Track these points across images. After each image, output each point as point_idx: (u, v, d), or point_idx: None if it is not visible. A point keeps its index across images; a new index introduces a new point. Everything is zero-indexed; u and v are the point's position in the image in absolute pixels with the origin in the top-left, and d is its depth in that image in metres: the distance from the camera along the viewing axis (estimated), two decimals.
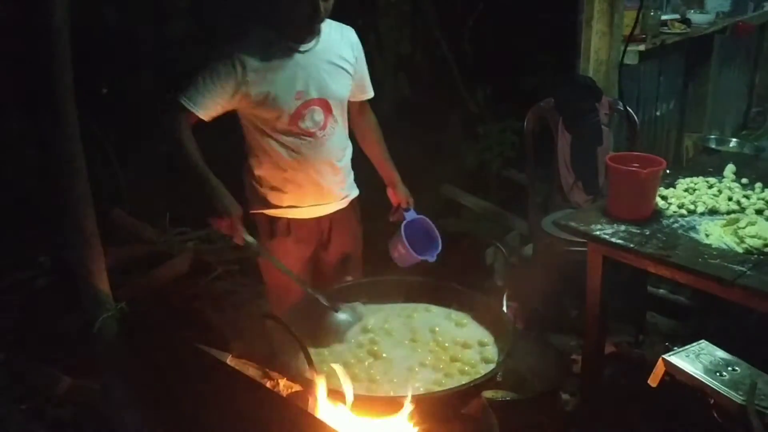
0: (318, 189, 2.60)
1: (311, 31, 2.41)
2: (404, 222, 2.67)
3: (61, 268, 3.35)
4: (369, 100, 2.78)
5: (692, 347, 1.84)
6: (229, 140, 2.64)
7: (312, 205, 2.63)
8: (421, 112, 4.75)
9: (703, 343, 1.85)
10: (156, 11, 4.08)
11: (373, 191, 2.86)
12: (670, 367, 1.80)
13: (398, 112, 4.70)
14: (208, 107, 2.36)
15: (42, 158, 1.82)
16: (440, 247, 2.64)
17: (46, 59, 1.67)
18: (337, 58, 2.51)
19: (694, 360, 1.78)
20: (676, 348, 1.86)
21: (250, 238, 2.32)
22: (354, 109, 2.70)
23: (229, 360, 2.26)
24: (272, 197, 2.60)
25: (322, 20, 2.37)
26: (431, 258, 2.61)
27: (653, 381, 1.85)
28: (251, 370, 2.25)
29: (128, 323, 2.01)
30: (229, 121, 2.49)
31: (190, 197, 3.92)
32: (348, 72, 2.56)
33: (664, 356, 1.82)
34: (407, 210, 2.75)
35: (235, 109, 2.46)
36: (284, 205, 2.60)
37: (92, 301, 1.91)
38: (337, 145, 2.60)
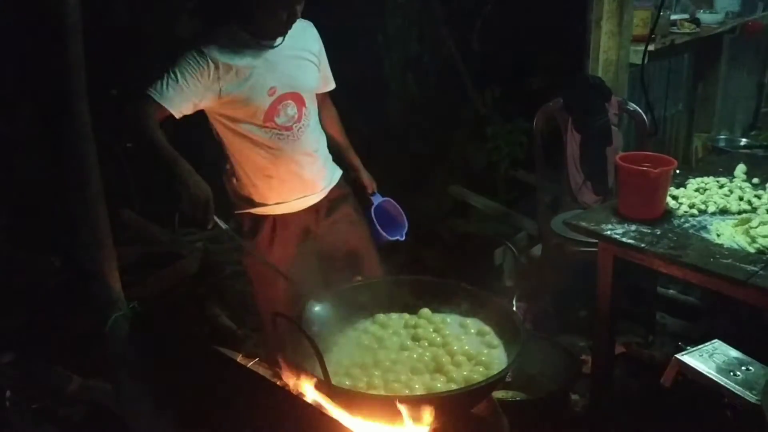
0: (301, 181, 2.62)
1: (284, 33, 2.43)
2: (373, 206, 2.78)
3: (72, 267, 3.36)
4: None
5: (705, 347, 1.83)
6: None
7: (297, 198, 2.64)
8: (429, 113, 4.75)
9: (717, 342, 1.85)
10: (165, 10, 4.08)
11: None
12: (683, 366, 1.79)
13: (406, 112, 4.70)
14: (179, 103, 2.33)
15: (55, 158, 1.83)
16: (406, 226, 2.80)
17: (59, 58, 1.68)
18: (303, 51, 2.55)
19: (708, 359, 1.77)
20: (688, 348, 1.86)
21: (221, 222, 2.29)
22: (317, 101, 2.71)
23: (239, 359, 2.27)
24: (257, 196, 2.60)
25: (295, 21, 2.39)
26: (401, 237, 2.77)
27: (666, 380, 1.85)
28: (261, 369, 2.25)
29: (139, 323, 2.01)
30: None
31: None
32: (315, 64, 2.60)
33: (677, 355, 1.82)
34: (373, 194, 2.84)
35: (206, 108, 2.45)
36: (270, 202, 2.61)
37: (104, 301, 1.92)
38: (313, 136, 2.63)
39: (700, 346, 1.83)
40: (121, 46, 3.91)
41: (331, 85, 2.77)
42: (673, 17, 4.55)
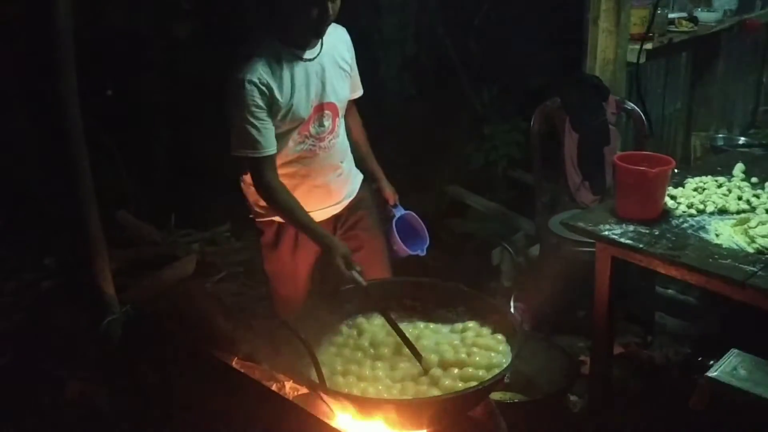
0: (326, 192, 2.59)
1: (318, 35, 2.35)
2: (394, 218, 2.73)
3: (66, 270, 3.34)
4: (360, 100, 2.74)
5: (727, 360, 1.72)
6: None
7: (320, 209, 2.61)
8: (427, 112, 4.73)
9: (735, 352, 1.75)
10: (161, 12, 4.07)
11: None
12: (715, 386, 1.67)
13: (403, 112, 4.69)
14: (272, 139, 2.33)
15: (46, 160, 1.81)
16: (428, 241, 2.75)
17: (49, 60, 1.66)
18: (340, 61, 2.50)
19: (738, 374, 1.66)
20: (706, 361, 1.76)
21: (358, 278, 2.25)
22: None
23: (235, 362, 2.25)
24: None
25: (330, 22, 2.32)
26: (422, 252, 2.72)
27: (698, 404, 1.72)
28: (257, 373, 2.24)
29: (134, 325, 2.00)
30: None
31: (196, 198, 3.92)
32: (348, 73, 2.55)
33: (707, 374, 1.70)
34: (395, 206, 2.79)
35: None
36: None
37: (98, 304, 1.90)
38: (342, 147, 2.61)
39: (720, 362, 1.71)
40: (117, 46, 3.90)
41: (359, 92, 2.70)
42: (671, 16, 4.55)
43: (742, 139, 5.00)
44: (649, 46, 3.94)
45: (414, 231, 2.78)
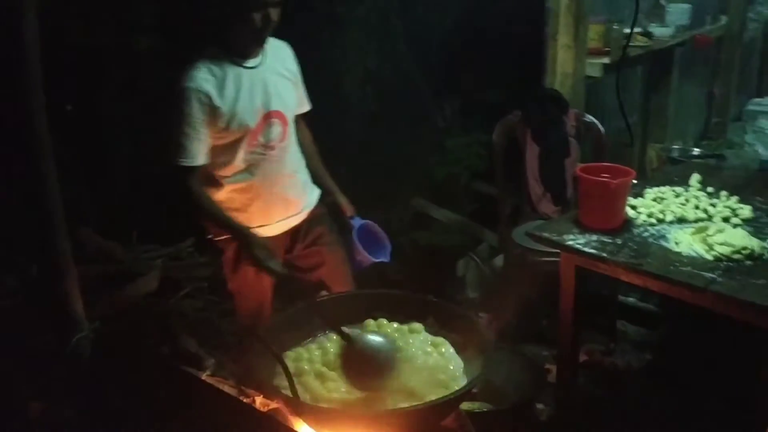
0: (284, 203, 2.61)
1: (260, 42, 2.41)
2: (354, 229, 2.75)
3: (28, 288, 3.28)
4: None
5: None
6: None
7: (280, 221, 2.62)
8: (389, 126, 4.77)
9: None
10: (121, 26, 4.04)
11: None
12: None
13: (365, 126, 4.71)
14: (203, 151, 2.38)
15: (14, 178, 1.79)
16: (390, 247, 2.78)
17: (16, 76, 1.65)
18: (284, 71, 2.55)
19: None
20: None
21: (277, 268, 2.39)
22: None
23: (204, 378, 2.23)
24: (240, 219, 2.54)
25: (272, 29, 2.37)
26: (386, 258, 2.74)
27: None
28: (226, 388, 2.23)
29: (101, 343, 1.98)
30: None
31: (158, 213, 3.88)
32: (294, 84, 2.60)
33: None
34: (352, 218, 2.81)
35: None
36: (254, 225, 2.55)
37: (66, 322, 1.88)
38: (295, 157, 2.63)
39: None
40: (76, 60, 3.86)
41: (307, 107, 2.74)
42: (626, 30, 4.65)
43: (696, 150, 5.12)
44: (606, 60, 4.03)
45: (375, 239, 2.80)
